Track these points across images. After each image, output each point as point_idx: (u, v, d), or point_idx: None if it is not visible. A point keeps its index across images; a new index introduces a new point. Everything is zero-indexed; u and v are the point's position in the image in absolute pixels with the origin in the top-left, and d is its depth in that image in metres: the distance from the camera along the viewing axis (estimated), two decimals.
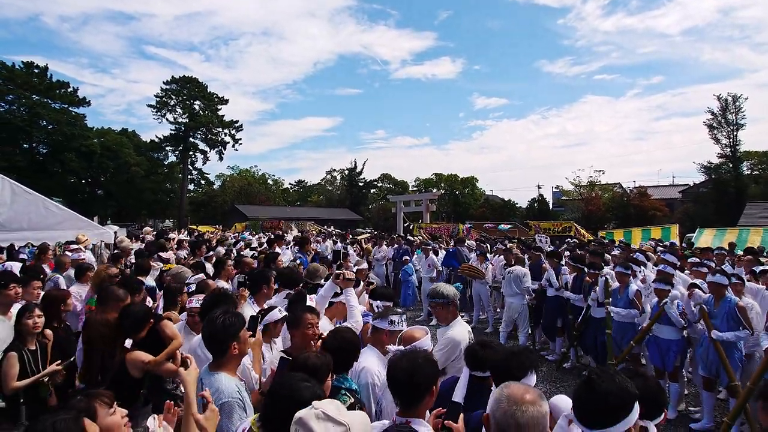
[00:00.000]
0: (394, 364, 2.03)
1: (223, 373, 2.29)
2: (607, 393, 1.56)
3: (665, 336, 5.41)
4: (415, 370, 1.94)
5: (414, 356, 2.03)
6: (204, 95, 49.27)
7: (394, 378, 1.99)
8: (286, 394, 1.79)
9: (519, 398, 1.56)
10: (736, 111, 33.44)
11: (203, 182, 54.40)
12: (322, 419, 1.58)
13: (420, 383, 1.93)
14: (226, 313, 2.38)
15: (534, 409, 1.53)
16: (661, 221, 28.67)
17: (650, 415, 1.91)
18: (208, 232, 22.16)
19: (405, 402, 1.96)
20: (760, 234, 13.89)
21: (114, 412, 1.84)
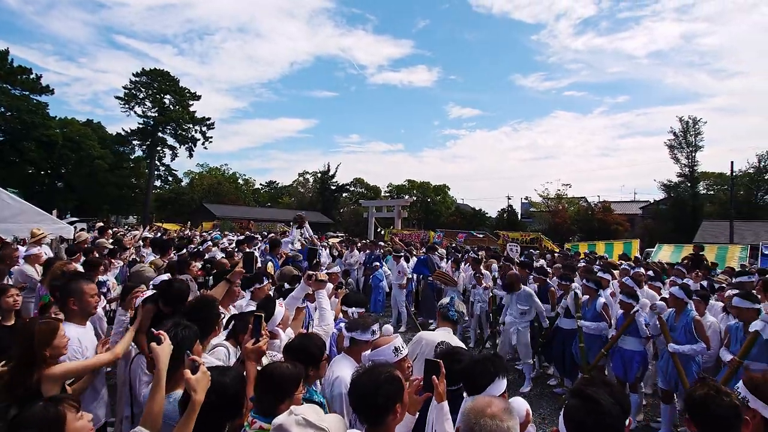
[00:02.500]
0: (356, 381, 1.95)
1: (178, 391, 2.15)
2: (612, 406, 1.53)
3: (629, 347, 5.55)
4: (376, 389, 1.86)
5: (376, 374, 1.94)
6: (175, 90, 48.01)
7: (354, 396, 1.92)
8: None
9: (480, 412, 1.56)
10: (696, 133, 35.26)
11: (171, 179, 52.87)
12: (303, 425, 1.57)
13: (380, 403, 1.86)
14: (178, 326, 2.24)
15: (493, 423, 1.52)
16: (622, 236, 29.77)
17: None
18: (175, 231, 21.43)
19: (367, 420, 1.89)
20: (714, 251, 14.57)
21: (81, 416, 1.75)
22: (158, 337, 2.05)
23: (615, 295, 6.62)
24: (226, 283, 3.49)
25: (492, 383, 2.11)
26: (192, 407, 1.82)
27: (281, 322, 2.89)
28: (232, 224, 28.51)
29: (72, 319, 3.00)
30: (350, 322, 3.05)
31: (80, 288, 3.02)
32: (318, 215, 51.77)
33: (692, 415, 1.96)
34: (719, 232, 25.79)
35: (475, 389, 2.13)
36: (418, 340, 3.13)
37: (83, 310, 3.05)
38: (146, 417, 1.90)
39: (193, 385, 1.83)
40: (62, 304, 3.03)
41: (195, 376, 1.85)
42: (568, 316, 6.44)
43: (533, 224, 40.87)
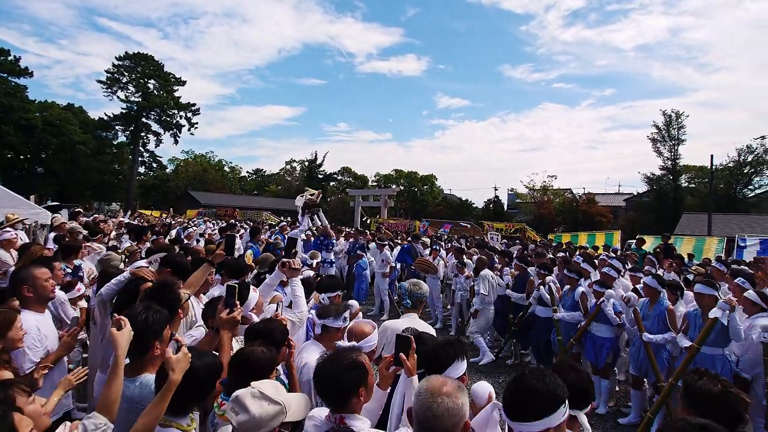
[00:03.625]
0: (320, 367, 1.98)
1: (146, 375, 2.15)
2: (534, 391, 1.63)
3: (600, 334, 5.71)
4: (340, 374, 1.90)
5: (340, 359, 1.97)
6: (159, 74, 47.14)
7: (317, 381, 1.95)
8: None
9: (435, 390, 1.61)
10: (678, 127, 35.80)
11: (155, 165, 52.12)
12: (258, 397, 1.62)
13: (344, 387, 1.89)
14: (148, 309, 2.21)
15: (449, 400, 1.58)
16: (606, 227, 30.23)
17: (580, 405, 2.01)
18: (153, 217, 21.12)
19: (332, 404, 1.93)
20: (692, 243, 14.91)
21: (33, 400, 1.75)
22: (119, 322, 2.01)
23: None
24: (209, 266, 3.45)
25: (451, 365, 2.16)
26: (168, 386, 1.82)
27: (255, 307, 2.90)
28: (215, 212, 28.25)
29: (29, 306, 2.94)
30: (321, 308, 3.06)
31: (31, 274, 2.96)
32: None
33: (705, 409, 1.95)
34: (698, 224, 26.34)
35: (436, 371, 2.18)
36: (384, 330, 3.18)
37: (39, 296, 2.99)
38: (102, 403, 1.87)
39: (172, 365, 1.83)
40: (17, 293, 2.95)
41: (176, 356, 1.86)
42: (543, 305, 6.58)
43: (519, 215, 41.29)
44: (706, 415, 1.74)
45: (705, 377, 2.07)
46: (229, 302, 2.52)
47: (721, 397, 1.94)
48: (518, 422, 1.63)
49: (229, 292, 2.54)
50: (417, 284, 3.61)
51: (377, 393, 2.22)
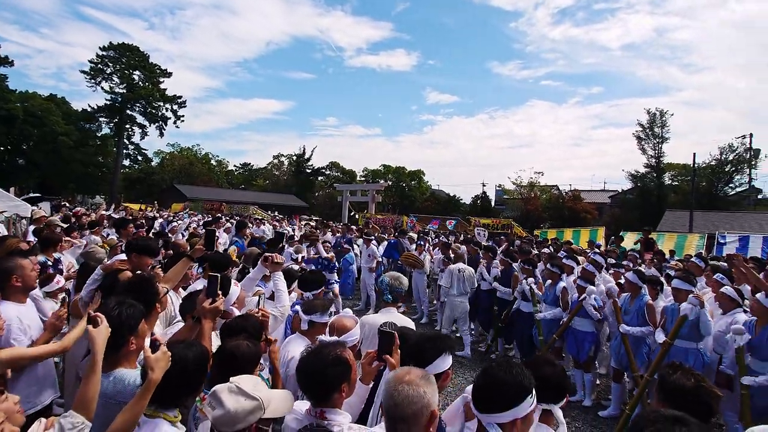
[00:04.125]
0: (303, 361, 1.97)
1: (120, 369, 2.12)
2: (501, 383, 1.66)
3: (582, 328, 5.81)
4: (324, 369, 1.89)
5: (324, 354, 1.96)
6: (145, 66, 46.35)
7: (300, 374, 1.94)
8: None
9: (399, 379, 1.63)
10: (662, 125, 36.29)
11: (140, 158, 51.30)
12: (234, 392, 1.61)
13: (327, 382, 1.89)
14: (122, 304, 2.17)
15: (409, 388, 1.59)
16: (591, 223, 30.61)
17: (555, 398, 2.06)
18: (135, 210, 20.74)
19: (314, 398, 1.93)
20: (674, 239, 15.18)
21: (6, 398, 1.71)
22: (95, 319, 1.97)
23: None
24: (188, 260, 3.43)
25: (438, 358, 2.16)
26: (147, 386, 1.80)
27: (236, 302, 2.88)
28: (202, 205, 27.95)
29: (10, 297, 2.91)
30: (307, 304, 3.05)
31: (19, 264, 2.95)
32: (293, 198, 51.30)
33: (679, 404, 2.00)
34: (681, 221, 26.80)
35: (420, 365, 2.19)
36: (362, 325, 3.19)
37: (26, 286, 2.99)
38: (79, 401, 1.83)
39: (151, 364, 1.81)
40: (2, 283, 2.92)
41: (155, 355, 1.83)
42: (526, 300, 6.65)
43: (506, 211, 41.54)
44: (679, 408, 1.78)
45: (679, 371, 2.11)
46: (212, 292, 2.49)
47: (694, 392, 1.99)
48: (486, 414, 1.66)
49: (212, 282, 2.51)
50: (398, 279, 3.61)
51: (359, 388, 2.22)
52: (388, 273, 3.71)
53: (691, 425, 1.40)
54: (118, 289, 2.72)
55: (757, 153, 34.47)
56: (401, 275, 3.69)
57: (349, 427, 1.87)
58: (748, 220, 26.11)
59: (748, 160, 34.67)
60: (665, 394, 2.12)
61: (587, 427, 5.30)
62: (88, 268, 3.42)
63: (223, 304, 2.48)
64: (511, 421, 1.64)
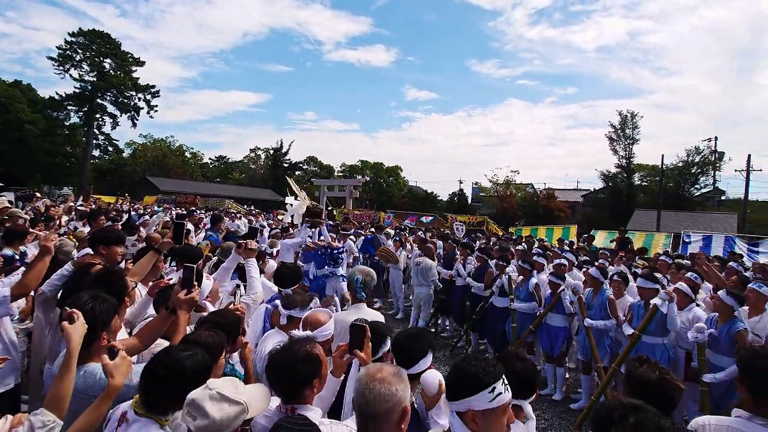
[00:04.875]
0: (273, 358, 1.95)
1: (91, 364, 2.07)
2: (461, 372, 1.68)
3: (555, 323, 5.96)
4: (293, 366, 1.88)
5: (294, 351, 1.94)
6: (116, 53, 44.91)
7: (270, 372, 1.93)
8: (166, 367, 1.71)
9: (371, 376, 1.62)
10: (633, 127, 37.42)
11: (111, 149, 49.75)
12: (217, 400, 1.54)
13: (297, 379, 1.88)
14: (96, 299, 2.12)
15: (381, 386, 1.58)
16: (564, 222, 31.24)
17: (524, 394, 2.08)
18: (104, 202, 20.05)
19: (284, 395, 1.92)
20: (642, 238, 15.66)
21: None
22: (71, 315, 1.91)
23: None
24: (155, 253, 3.35)
25: (422, 359, 2.20)
26: (108, 392, 1.76)
27: (210, 295, 2.84)
28: (176, 199, 27.33)
29: None
30: (287, 298, 3.01)
31: None
32: (269, 192, 50.73)
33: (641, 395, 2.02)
34: (649, 220, 27.71)
35: (405, 362, 2.20)
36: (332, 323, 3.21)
37: None
38: (51, 399, 1.77)
39: (110, 371, 1.76)
40: None
41: (114, 362, 1.79)
42: (502, 295, 6.77)
43: (482, 208, 42.11)
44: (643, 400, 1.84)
45: (645, 365, 2.17)
46: (187, 283, 2.45)
47: (658, 384, 2.05)
48: (450, 402, 1.70)
49: (188, 273, 2.47)
50: (369, 274, 3.61)
51: (330, 381, 2.23)
52: (359, 268, 3.68)
53: (648, 412, 1.44)
54: (86, 283, 2.65)
55: (721, 156, 35.95)
56: (371, 270, 3.68)
57: (320, 422, 1.86)
58: (712, 220, 27.19)
59: (712, 162, 36.08)
60: (631, 387, 2.18)
61: (557, 419, 5.45)
62: (53, 261, 3.29)
63: (198, 296, 2.44)
64: (464, 411, 1.64)
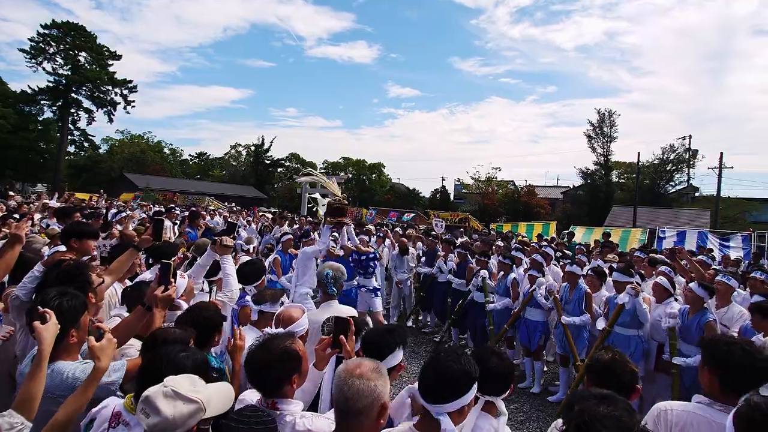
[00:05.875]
0: (251, 355, 1.93)
1: (59, 362, 2.02)
2: (451, 373, 1.70)
3: (532, 318, 6.05)
4: (271, 363, 1.86)
5: (272, 347, 1.91)
6: (92, 47, 43.70)
7: (248, 369, 1.92)
8: (162, 366, 1.69)
9: (350, 372, 1.63)
10: (611, 125, 38.16)
11: (86, 145, 48.49)
12: (171, 397, 1.50)
13: (275, 376, 1.87)
14: (63, 295, 2.06)
15: (360, 382, 1.59)
16: (544, 218, 31.73)
17: (498, 390, 2.09)
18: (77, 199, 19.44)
19: (262, 392, 1.91)
20: (619, 234, 16.00)
21: None
22: (43, 315, 1.86)
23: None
24: (134, 251, 3.30)
25: (392, 353, 2.19)
26: (95, 374, 1.75)
27: (184, 294, 2.81)
28: (155, 196, 26.83)
29: None
30: (258, 294, 3.01)
31: None
32: (251, 189, 50.18)
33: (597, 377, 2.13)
34: (626, 216, 28.30)
35: (373, 357, 2.22)
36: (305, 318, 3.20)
37: None
38: (21, 401, 1.72)
39: (96, 353, 1.75)
40: None
41: (99, 344, 1.77)
42: (481, 291, 6.85)
43: (464, 205, 42.41)
44: (601, 384, 1.89)
45: (603, 349, 2.22)
46: (164, 279, 2.42)
47: (609, 365, 2.09)
48: (437, 404, 1.69)
49: (164, 270, 2.44)
50: (340, 270, 3.59)
51: (313, 374, 2.23)
52: (330, 265, 3.65)
53: (618, 402, 1.47)
54: (49, 280, 2.57)
55: (695, 153, 36.90)
56: (342, 266, 3.65)
57: (301, 416, 1.86)
58: (686, 216, 27.90)
59: (687, 159, 37.01)
60: (588, 370, 2.28)
61: (535, 411, 5.54)
62: (22, 260, 3.18)
63: (174, 293, 2.41)
64: (458, 409, 1.69)
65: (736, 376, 2.04)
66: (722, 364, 2.08)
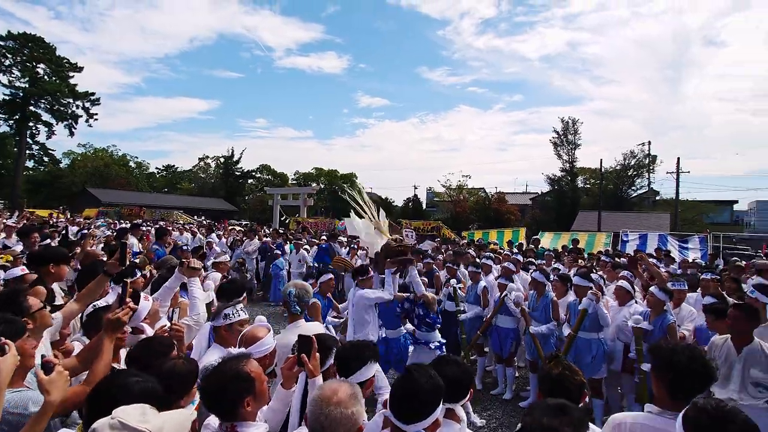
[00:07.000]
0: (204, 379, 1.91)
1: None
2: (422, 390, 1.73)
3: (504, 325, 6.15)
4: (224, 387, 1.84)
5: (224, 371, 1.89)
6: (51, 58, 42.31)
7: (202, 394, 1.89)
8: (110, 392, 1.65)
9: (326, 400, 1.64)
10: (575, 132, 39.51)
11: (46, 159, 46.73)
12: (118, 429, 1.44)
13: (227, 400, 1.84)
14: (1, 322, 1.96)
15: (337, 411, 1.61)
16: (514, 224, 32.41)
17: (458, 397, 2.13)
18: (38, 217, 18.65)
19: (218, 415, 1.89)
20: (585, 238, 16.50)
21: None
22: (2, 346, 1.75)
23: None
24: (105, 276, 3.08)
25: (363, 367, 2.21)
26: (45, 409, 1.69)
27: (148, 317, 2.73)
28: (119, 210, 26.00)
29: None
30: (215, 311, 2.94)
31: None
32: (221, 202, 49.33)
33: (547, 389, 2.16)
34: (591, 221, 29.21)
35: (346, 372, 2.23)
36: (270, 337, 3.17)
37: None
38: None
39: (45, 387, 1.69)
40: None
41: (49, 377, 1.72)
42: (452, 299, 6.94)
43: (437, 213, 42.89)
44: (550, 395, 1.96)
45: (553, 362, 2.24)
46: (121, 300, 2.30)
47: (557, 379, 2.12)
48: (411, 424, 1.71)
49: (124, 289, 2.33)
50: (305, 288, 3.55)
51: (280, 393, 2.23)
52: (294, 283, 3.61)
53: (571, 414, 1.53)
54: None
55: (654, 159, 38.53)
56: (307, 285, 3.64)
57: None
58: (647, 220, 29.02)
59: (647, 165, 38.59)
60: (540, 382, 2.33)
61: (507, 417, 5.63)
62: None
63: (127, 316, 2.27)
64: (432, 423, 1.73)
65: (683, 382, 2.04)
66: (669, 371, 2.08)
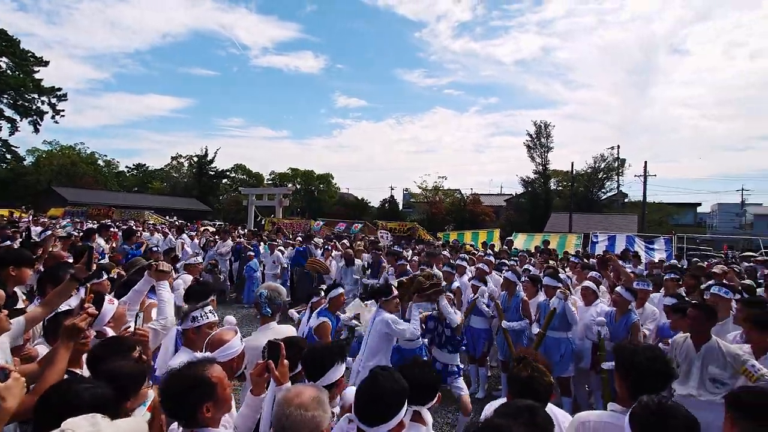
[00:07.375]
0: (163, 383, 1.87)
1: None
2: (386, 392, 1.75)
3: (476, 325, 6.23)
4: (182, 392, 1.81)
5: (183, 376, 1.85)
6: (14, 52, 40.63)
7: (162, 399, 1.86)
8: (58, 399, 1.62)
9: (288, 401, 1.65)
10: (547, 136, 40.41)
11: (9, 156, 44.84)
12: None
13: (186, 406, 1.81)
14: None
15: (298, 413, 1.61)
16: (489, 225, 32.85)
17: (425, 400, 2.16)
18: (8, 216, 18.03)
19: (178, 420, 1.85)
20: (556, 239, 16.87)
21: None
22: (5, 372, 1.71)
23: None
24: (72, 281, 2.87)
25: (330, 369, 2.21)
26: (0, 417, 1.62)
27: (112, 320, 2.66)
28: (86, 211, 25.17)
29: None
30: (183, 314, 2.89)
31: None
32: (194, 202, 48.35)
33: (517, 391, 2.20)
34: (563, 222, 29.92)
35: (314, 374, 2.22)
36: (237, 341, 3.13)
37: None
38: None
39: (1, 393, 1.63)
40: None
41: (5, 384, 1.66)
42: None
43: (413, 214, 43.15)
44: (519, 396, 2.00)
45: (521, 363, 2.27)
46: (81, 305, 2.21)
47: (526, 382, 2.16)
48: (375, 427, 1.73)
49: (85, 294, 2.27)
50: (277, 290, 3.54)
51: (250, 399, 2.20)
52: (266, 285, 3.59)
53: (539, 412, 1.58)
54: None
55: (623, 162, 39.75)
56: (280, 287, 3.61)
57: None
58: (616, 221, 29.89)
59: (616, 168, 39.75)
60: (509, 383, 2.38)
61: (479, 415, 5.70)
62: None
63: (85, 322, 2.18)
64: (397, 425, 1.74)
65: (644, 381, 2.10)
66: (631, 371, 2.15)
